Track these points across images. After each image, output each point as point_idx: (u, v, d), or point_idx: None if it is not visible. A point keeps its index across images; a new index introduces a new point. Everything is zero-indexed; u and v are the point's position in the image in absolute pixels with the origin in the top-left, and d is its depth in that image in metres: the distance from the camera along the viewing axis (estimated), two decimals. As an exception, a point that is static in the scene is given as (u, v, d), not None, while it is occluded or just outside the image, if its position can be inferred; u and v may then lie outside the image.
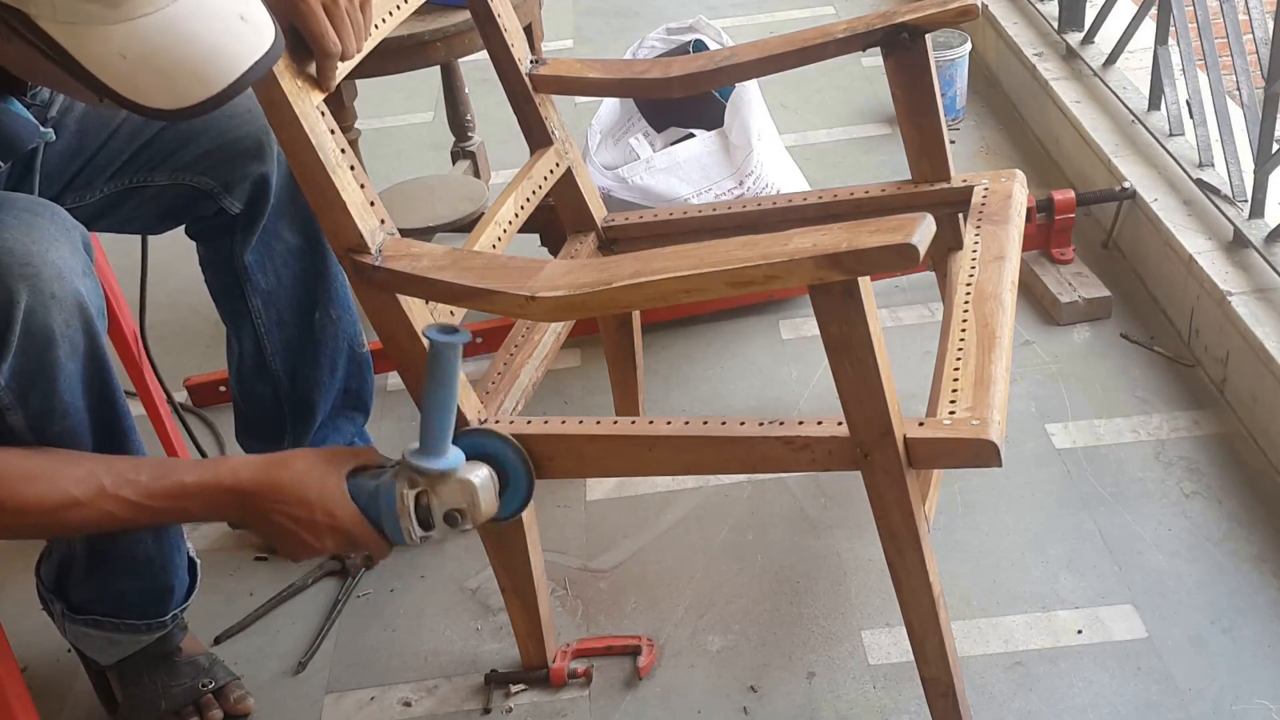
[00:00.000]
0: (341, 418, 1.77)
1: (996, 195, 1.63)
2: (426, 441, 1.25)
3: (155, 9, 1.03)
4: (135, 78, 1.05)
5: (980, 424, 1.25)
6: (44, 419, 1.29)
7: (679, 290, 1.17)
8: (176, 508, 1.29)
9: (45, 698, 1.63)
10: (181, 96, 1.07)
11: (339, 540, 1.30)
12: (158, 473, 1.28)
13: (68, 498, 1.23)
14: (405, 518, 1.26)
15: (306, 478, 1.28)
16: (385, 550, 1.32)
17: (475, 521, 1.27)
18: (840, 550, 1.75)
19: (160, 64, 1.05)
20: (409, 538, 1.27)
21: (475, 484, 1.26)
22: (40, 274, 1.23)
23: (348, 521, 1.28)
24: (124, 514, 1.26)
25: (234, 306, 1.66)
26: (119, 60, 1.03)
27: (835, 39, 1.62)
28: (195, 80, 1.07)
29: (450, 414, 1.24)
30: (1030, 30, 2.90)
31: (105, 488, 1.24)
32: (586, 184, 1.78)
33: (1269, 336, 1.80)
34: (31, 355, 1.25)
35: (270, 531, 1.31)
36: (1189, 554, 1.68)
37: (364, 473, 1.33)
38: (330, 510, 1.27)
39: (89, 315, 1.29)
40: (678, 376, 2.14)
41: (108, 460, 1.29)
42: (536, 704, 1.58)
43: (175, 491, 1.27)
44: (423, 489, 1.26)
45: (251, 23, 1.10)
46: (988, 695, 1.52)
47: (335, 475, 1.30)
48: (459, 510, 1.26)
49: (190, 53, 1.06)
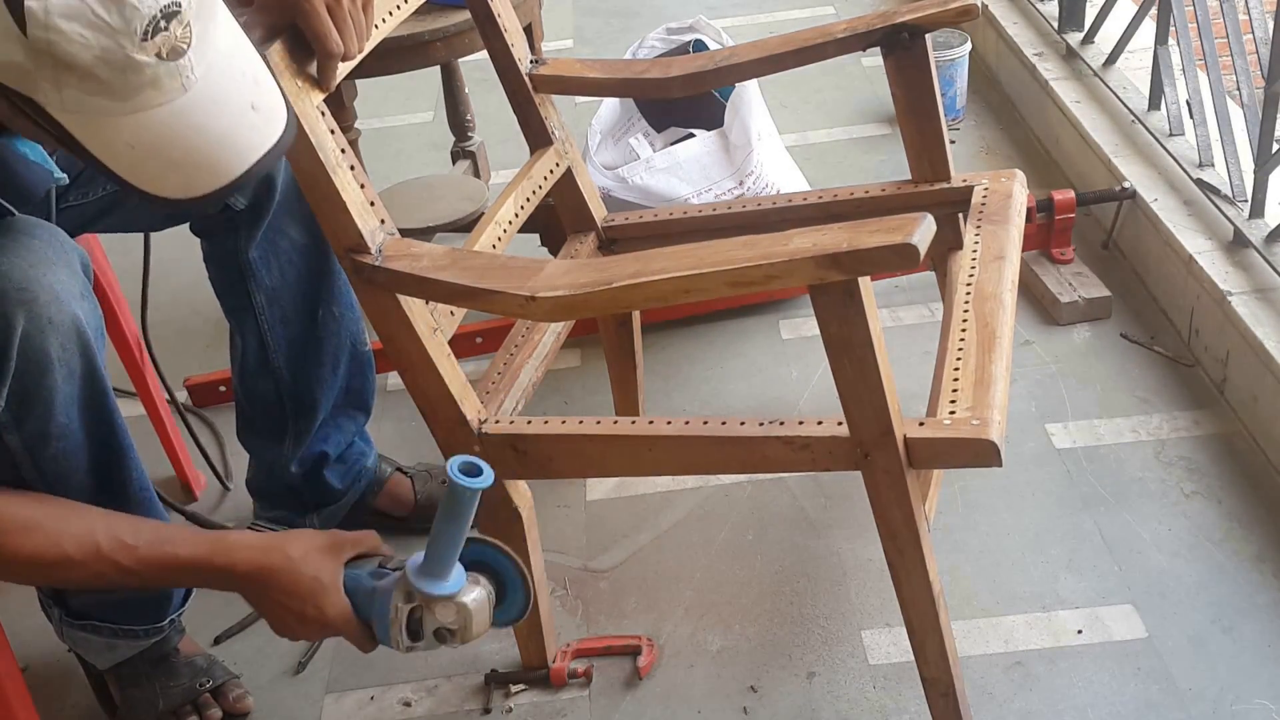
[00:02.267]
0: (343, 416, 1.77)
1: (996, 195, 1.63)
2: (431, 564, 1.24)
3: (164, 101, 1.02)
4: (145, 167, 1.05)
5: (980, 424, 1.25)
6: (40, 441, 1.29)
7: (679, 290, 1.17)
8: (168, 578, 1.30)
9: (45, 698, 1.63)
10: (191, 187, 1.07)
11: (325, 632, 1.29)
12: (154, 539, 1.27)
13: (63, 555, 1.23)
14: (396, 629, 1.26)
15: (301, 567, 1.27)
16: (371, 648, 1.31)
17: (464, 640, 1.27)
18: (840, 550, 1.75)
19: (170, 156, 1.05)
20: (396, 646, 1.28)
21: (471, 610, 1.26)
22: (37, 298, 1.23)
23: (335, 619, 1.27)
24: (115, 577, 1.27)
25: (237, 303, 1.66)
26: (128, 150, 1.03)
27: (835, 39, 1.62)
28: (205, 171, 1.07)
29: (458, 547, 1.23)
30: (1030, 30, 2.90)
31: (101, 549, 1.24)
32: (586, 184, 1.78)
33: (1269, 336, 1.80)
34: (28, 379, 1.25)
35: (263, 610, 1.31)
36: (1189, 554, 1.68)
37: (365, 561, 1.31)
38: (320, 605, 1.27)
39: (86, 338, 1.29)
40: (678, 376, 2.14)
41: (107, 519, 1.29)
42: (536, 704, 1.58)
43: (169, 563, 1.27)
44: (418, 604, 1.26)
45: (263, 111, 1.09)
46: (988, 695, 1.52)
47: (331, 568, 1.28)
48: (449, 629, 1.26)
49: (199, 145, 1.05)
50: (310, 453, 1.75)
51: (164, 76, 1.01)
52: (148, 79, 1.00)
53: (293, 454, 1.74)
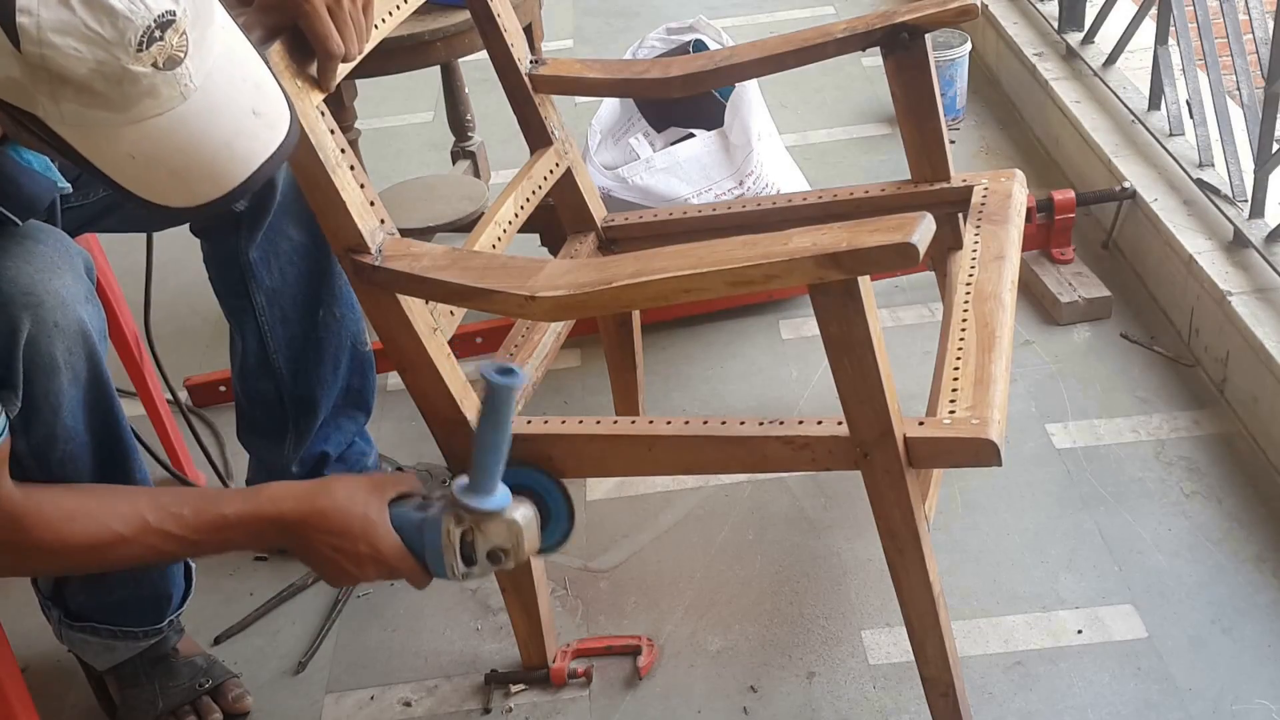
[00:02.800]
0: (343, 416, 1.77)
1: (996, 195, 1.63)
2: (476, 479, 1.24)
3: (163, 110, 1.01)
4: (147, 177, 1.04)
5: (980, 423, 1.25)
6: (47, 445, 1.30)
7: (679, 290, 1.17)
8: (219, 539, 1.28)
9: (45, 698, 1.63)
10: (194, 195, 1.07)
11: (380, 570, 1.29)
12: (200, 505, 1.27)
13: (113, 534, 1.23)
14: (450, 554, 1.26)
15: (349, 506, 1.27)
16: (426, 582, 1.31)
17: (518, 560, 1.27)
18: (840, 550, 1.75)
19: (171, 165, 1.04)
20: (451, 573, 1.27)
21: (521, 524, 1.26)
22: (43, 303, 1.24)
23: (390, 553, 1.28)
24: (168, 547, 1.26)
25: (238, 303, 1.66)
26: (129, 161, 1.03)
27: (835, 39, 1.62)
28: (206, 180, 1.06)
29: (502, 454, 1.23)
30: (1030, 30, 2.90)
31: (149, 523, 1.24)
32: (586, 184, 1.78)
33: (1269, 336, 1.80)
34: (35, 384, 1.26)
35: (312, 559, 1.30)
36: (1189, 554, 1.68)
37: (406, 501, 1.32)
38: (372, 541, 1.27)
39: (91, 342, 1.30)
40: (678, 376, 2.14)
41: (150, 494, 1.29)
42: (536, 704, 1.58)
43: (218, 523, 1.26)
44: (468, 526, 1.25)
45: (265, 116, 1.08)
46: (988, 695, 1.52)
47: (378, 504, 1.29)
48: (503, 549, 1.26)
49: (200, 154, 1.04)
50: (311, 453, 1.75)
51: (161, 86, 1.00)
52: (145, 89, 0.99)
53: (293, 454, 1.75)
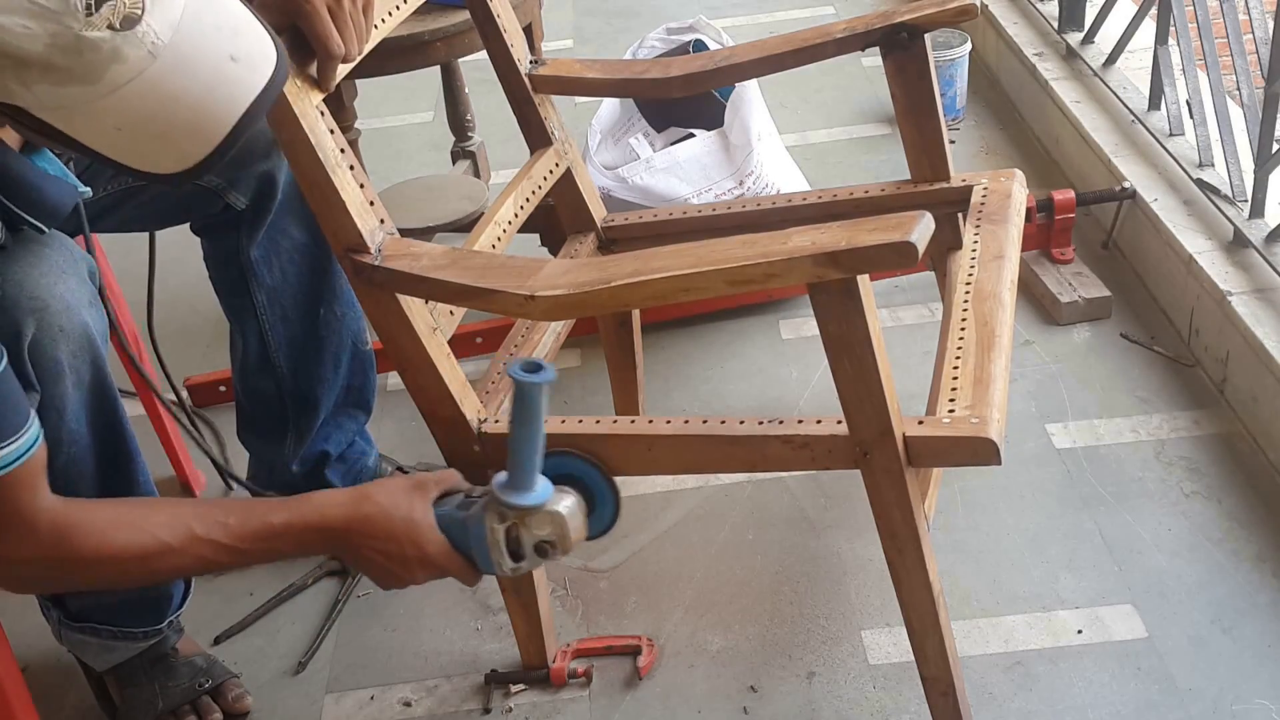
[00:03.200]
0: (344, 415, 1.77)
1: (996, 195, 1.63)
2: (515, 476, 1.24)
3: (135, 75, 0.99)
4: (136, 147, 1.03)
5: (979, 422, 1.25)
6: (51, 450, 1.29)
7: (678, 289, 1.17)
8: (266, 548, 1.27)
9: (45, 698, 1.63)
10: (186, 156, 1.05)
11: (429, 572, 1.28)
12: (244, 515, 1.26)
13: (160, 544, 1.22)
14: (497, 550, 1.25)
15: (393, 511, 1.26)
16: (476, 579, 1.31)
17: (566, 550, 1.27)
18: (840, 550, 1.75)
19: (155, 129, 1.02)
20: (500, 569, 1.27)
21: (565, 515, 1.25)
22: (48, 307, 1.24)
23: (437, 554, 1.27)
24: (216, 557, 1.25)
25: (238, 302, 1.66)
26: (115, 133, 1.02)
27: (835, 39, 1.62)
28: (194, 137, 1.04)
29: (537, 449, 1.23)
30: (1030, 30, 2.90)
31: (196, 532, 1.23)
32: (586, 184, 1.78)
33: (1269, 336, 1.80)
34: (41, 387, 1.26)
35: (361, 565, 1.30)
36: (1189, 554, 1.68)
37: (449, 499, 1.31)
38: (419, 544, 1.26)
39: (95, 346, 1.30)
40: (678, 376, 2.14)
41: (192, 505, 1.28)
42: (536, 704, 1.58)
43: (264, 533, 1.25)
44: (513, 522, 1.25)
45: (245, 60, 1.06)
46: (988, 695, 1.52)
47: (421, 506, 1.28)
48: (549, 542, 1.25)
49: (180, 111, 1.02)
50: (311, 452, 1.76)
51: (125, 47, 0.97)
52: (107, 55, 0.97)
53: (294, 453, 1.75)
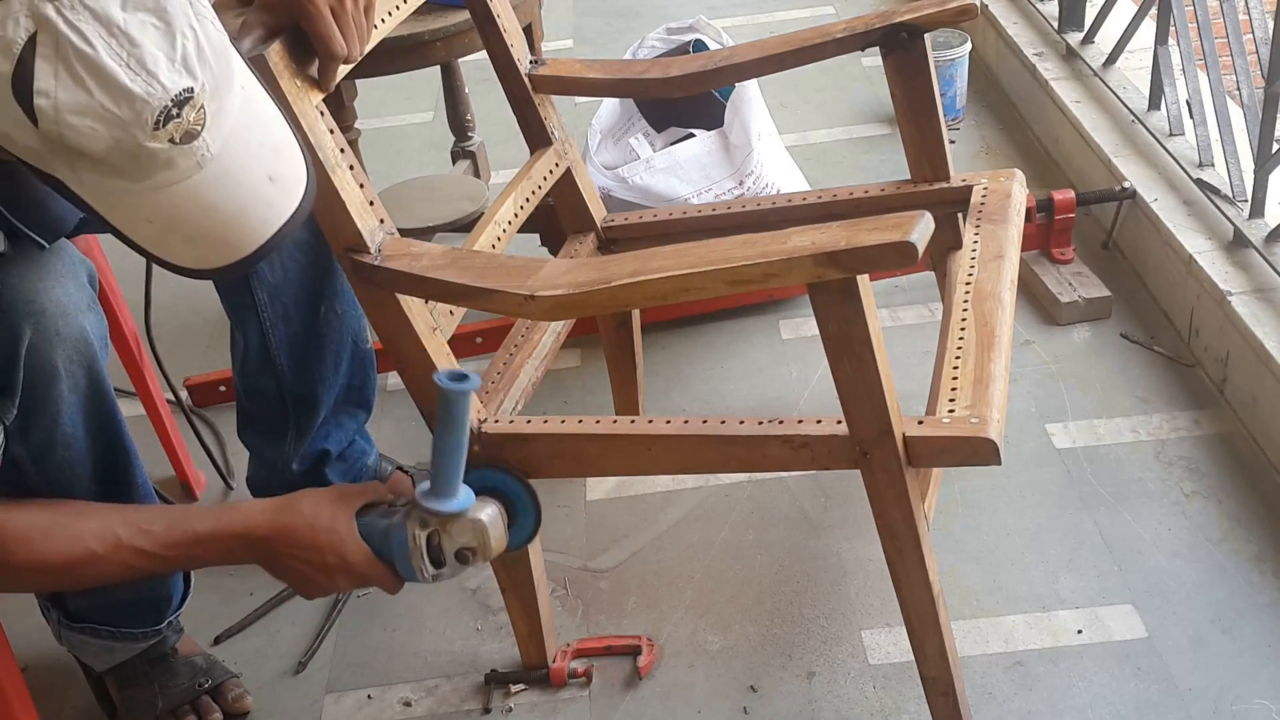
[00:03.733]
0: (344, 414, 1.77)
1: (996, 195, 1.63)
2: (437, 484, 1.26)
3: (179, 180, 1.02)
4: (164, 240, 1.06)
5: (979, 422, 1.25)
6: (46, 451, 1.31)
7: (678, 289, 1.17)
8: (190, 555, 1.30)
9: (45, 698, 1.63)
10: (208, 260, 1.08)
11: (351, 579, 1.31)
12: (170, 521, 1.29)
13: (88, 552, 1.25)
14: (418, 557, 1.28)
15: (316, 520, 1.29)
16: (397, 586, 1.33)
17: (485, 558, 1.29)
18: (840, 550, 1.75)
19: (186, 231, 1.06)
20: (421, 575, 1.29)
21: (485, 523, 1.28)
22: (45, 311, 1.25)
23: (358, 562, 1.30)
24: (139, 564, 1.28)
25: (239, 300, 1.66)
26: (146, 224, 1.05)
27: (834, 39, 1.62)
28: (221, 246, 1.08)
29: (460, 457, 1.25)
30: (1030, 30, 2.90)
31: (121, 539, 1.26)
32: (586, 184, 1.78)
33: (1269, 336, 1.80)
34: (35, 391, 1.27)
35: (284, 574, 1.32)
36: (1189, 554, 1.68)
37: (373, 509, 1.33)
38: (340, 552, 1.29)
39: (92, 350, 1.31)
40: (678, 376, 2.14)
41: (121, 511, 1.31)
42: (536, 704, 1.58)
43: (188, 540, 1.28)
44: (434, 529, 1.27)
45: (280, 182, 1.09)
46: (988, 695, 1.52)
47: (344, 515, 1.30)
48: (469, 548, 1.28)
49: (214, 222, 1.06)
50: (311, 450, 1.75)
51: (178, 158, 1.00)
52: (161, 162, 1.00)
53: (294, 452, 1.74)
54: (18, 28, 0.93)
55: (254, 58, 1.20)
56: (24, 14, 0.93)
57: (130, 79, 0.96)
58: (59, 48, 0.94)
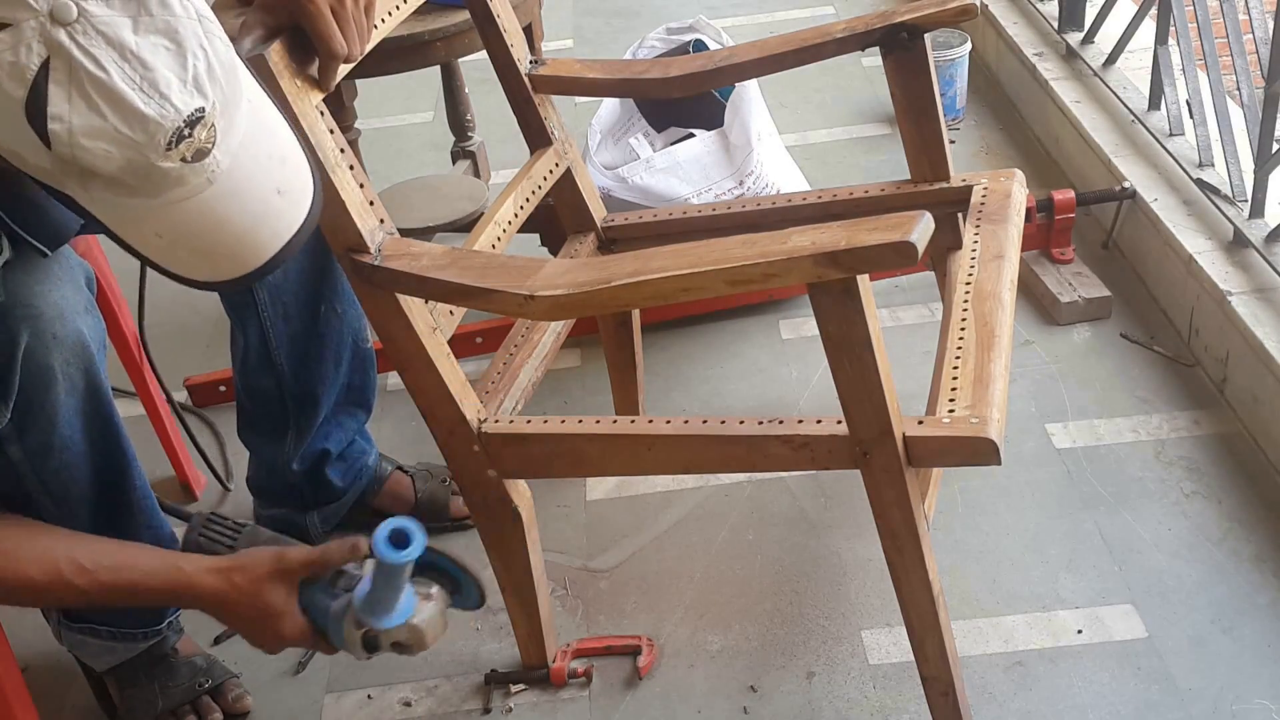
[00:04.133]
0: (344, 414, 1.77)
1: (996, 195, 1.63)
2: (376, 609, 1.24)
3: (190, 196, 1.02)
4: (173, 253, 1.07)
5: (979, 422, 1.25)
6: (42, 454, 1.31)
7: (677, 289, 1.18)
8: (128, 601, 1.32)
9: (45, 698, 1.63)
10: (218, 272, 1.09)
11: (288, 646, 1.31)
12: (113, 565, 1.28)
13: (26, 579, 1.25)
14: (354, 647, 1.27)
15: (254, 599, 1.27)
16: (333, 653, 1.33)
17: (422, 649, 1.28)
18: (840, 550, 1.75)
19: (196, 245, 1.07)
20: (356, 656, 1.29)
21: (423, 629, 1.26)
22: (42, 314, 1.26)
23: (295, 638, 1.29)
24: (76, 600, 1.31)
25: (239, 299, 1.66)
26: (156, 239, 1.05)
27: (834, 39, 1.62)
28: (231, 259, 1.09)
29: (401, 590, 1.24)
30: (1030, 30, 2.90)
31: (62, 574, 1.25)
32: (586, 184, 1.78)
33: (1269, 336, 1.80)
34: (32, 394, 1.27)
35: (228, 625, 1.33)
36: (1189, 554, 1.68)
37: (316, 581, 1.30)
38: (276, 630, 1.28)
39: (89, 353, 1.31)
40: (678, 376, 2.14)
41: (69, 542, 1.29)
42: (536, 704, 1.58)
43: (128, 589, 1.28)
44: (369, 629, 1.26)
45: (289, 194, 1.10)
46: (988, 695, 1.52)
47: (282, 593, 1.28)
48: (406, 645, 1.27)
49: (223, 237, 1.06)
50: (311, 450, 1.76)
51: (189, 175, 1.01)
52: (173, 180, 1.00)
53: (294, 451, 1.75)
54: (31, 54, 0.93)
55: (254, 58, 1.20)
56: (37, 39, 0.93)
57: (144, 102, 0.96)
58: (72, 73, 0.94)
